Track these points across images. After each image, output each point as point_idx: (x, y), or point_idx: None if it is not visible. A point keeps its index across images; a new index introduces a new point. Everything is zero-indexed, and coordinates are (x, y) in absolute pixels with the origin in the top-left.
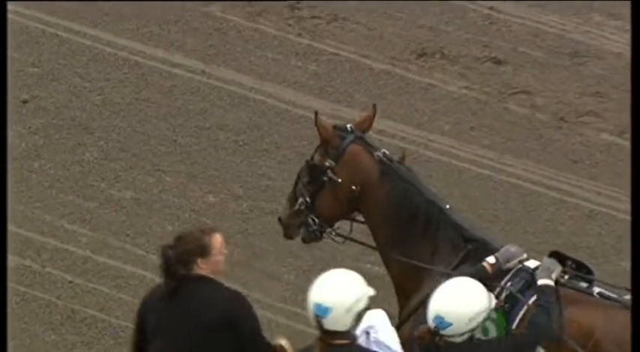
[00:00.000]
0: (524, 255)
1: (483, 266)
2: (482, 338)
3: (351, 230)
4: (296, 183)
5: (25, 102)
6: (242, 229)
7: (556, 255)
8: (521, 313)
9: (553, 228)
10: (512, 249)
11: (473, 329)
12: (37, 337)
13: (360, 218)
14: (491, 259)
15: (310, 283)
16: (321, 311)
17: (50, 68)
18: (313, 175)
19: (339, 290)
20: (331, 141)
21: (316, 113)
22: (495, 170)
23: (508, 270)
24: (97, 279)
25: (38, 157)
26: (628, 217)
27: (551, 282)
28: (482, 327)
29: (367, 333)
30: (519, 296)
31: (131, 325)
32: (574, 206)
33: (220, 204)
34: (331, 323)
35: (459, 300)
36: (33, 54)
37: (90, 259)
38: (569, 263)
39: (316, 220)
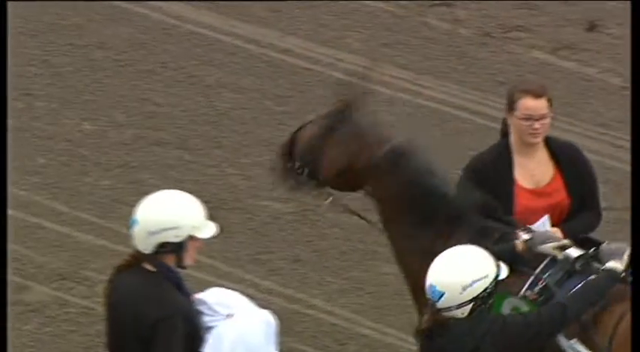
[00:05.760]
0: (565, 242)
1: (513, 244)
2: None
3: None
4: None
5: None
6: (124, 162)
7: (588, 242)
8: None
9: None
10: (551, 233)
11: (472, 301)
12: None
13: None
14: (524, 236)
15: None
16: (132, 225)
17: None
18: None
19: (154, 209)
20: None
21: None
22: (412, 93)
23: (543, 255)
24: None
25: None
26: None
27: (620, 267)
28: None
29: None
30: (556, 288)
31: None
32: None
33: (99, 133)
34: (135, 239)
35: (452, 267)
36: None
37: None
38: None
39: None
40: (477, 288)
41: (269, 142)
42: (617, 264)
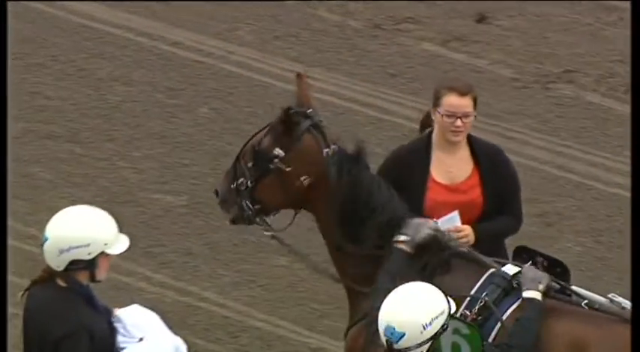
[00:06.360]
0: (438, 224)
1: (399, 249)
2: None
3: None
4: (237, 159)
5: None
6: (15, 156)
7: (524, 251)
8: (496, 328)
9: (369, 149)
10: (417, 220)
11: (431, 339)
12: None
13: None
14: (401, 237)
15: None
16: (42, 242)
17: None
18: (258, 162)
19: (65, 226)
20: (287, 126)
21: (299, 74)
22: None
23: (476, 273)
24: None
25: None
26: None
27: (538, 295)
28: (452, 344)
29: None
30: (494, 307)
31: None
32: (393, 125)
33: None
34: (46, 257)
35: (410, 306)
36: None
37: None
38: (541, 260)
39: (251, 207)
40: (436, 326)
41: (160, 135)
42: (535, 294)
